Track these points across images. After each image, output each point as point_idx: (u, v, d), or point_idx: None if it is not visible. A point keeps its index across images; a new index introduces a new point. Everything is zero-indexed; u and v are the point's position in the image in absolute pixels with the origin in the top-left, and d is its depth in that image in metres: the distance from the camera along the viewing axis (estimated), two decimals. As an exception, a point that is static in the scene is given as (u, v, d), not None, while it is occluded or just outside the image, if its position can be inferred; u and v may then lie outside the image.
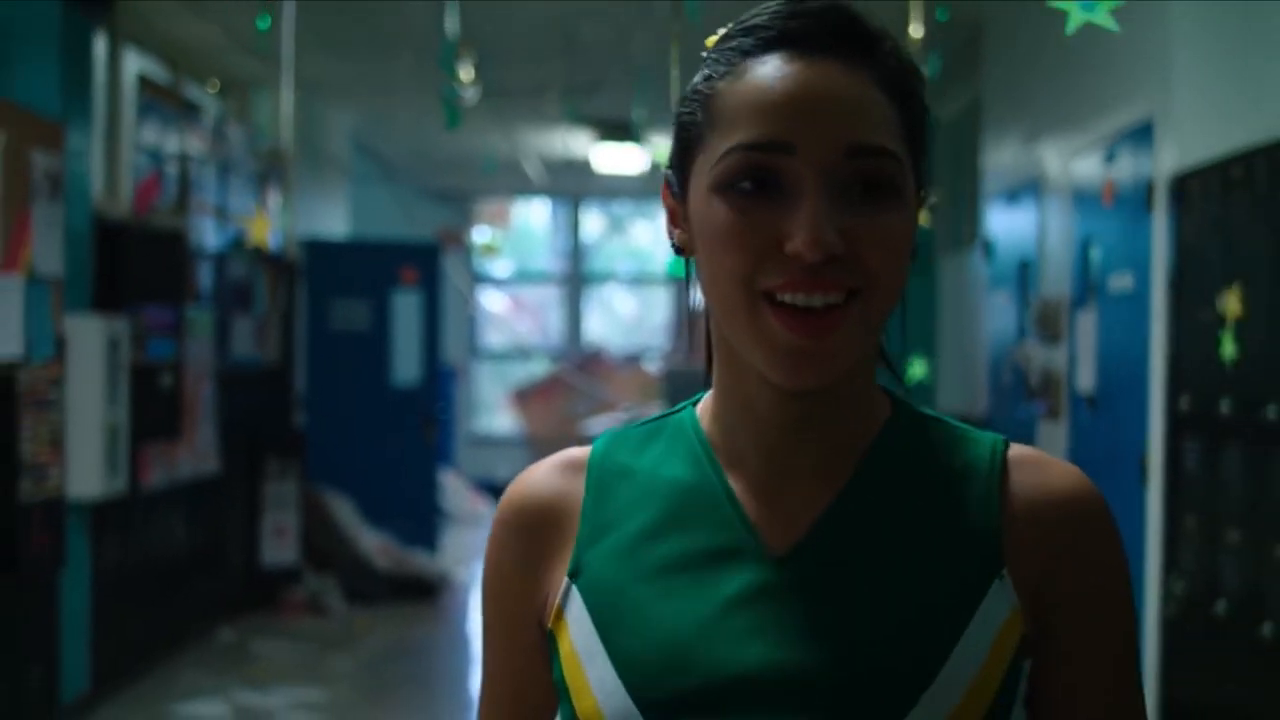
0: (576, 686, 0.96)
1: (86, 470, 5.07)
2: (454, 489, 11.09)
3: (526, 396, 13.06)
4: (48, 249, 4.82)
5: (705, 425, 1.02)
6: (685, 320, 1.07)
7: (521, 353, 13.73)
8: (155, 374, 5.70)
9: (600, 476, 1.03)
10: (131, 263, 5.52)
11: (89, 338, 5.08)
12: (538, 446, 12.80)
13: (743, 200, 0.92)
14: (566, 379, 12.96)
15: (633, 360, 13.04)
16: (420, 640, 7.10)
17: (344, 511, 7.98)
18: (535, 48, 6.77)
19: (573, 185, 12.48)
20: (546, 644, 1.01)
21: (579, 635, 0.97)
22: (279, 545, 7.46)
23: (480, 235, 13.27)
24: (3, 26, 4.76)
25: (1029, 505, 0.97)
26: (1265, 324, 3.28)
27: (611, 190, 12.68)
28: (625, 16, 6.16)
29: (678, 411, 1.06)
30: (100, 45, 5.49)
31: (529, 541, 1.03)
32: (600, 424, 10.78)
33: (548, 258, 14.02)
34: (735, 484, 0.99)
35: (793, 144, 0.91)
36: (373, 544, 7.97)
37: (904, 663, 0.92)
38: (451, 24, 4.06)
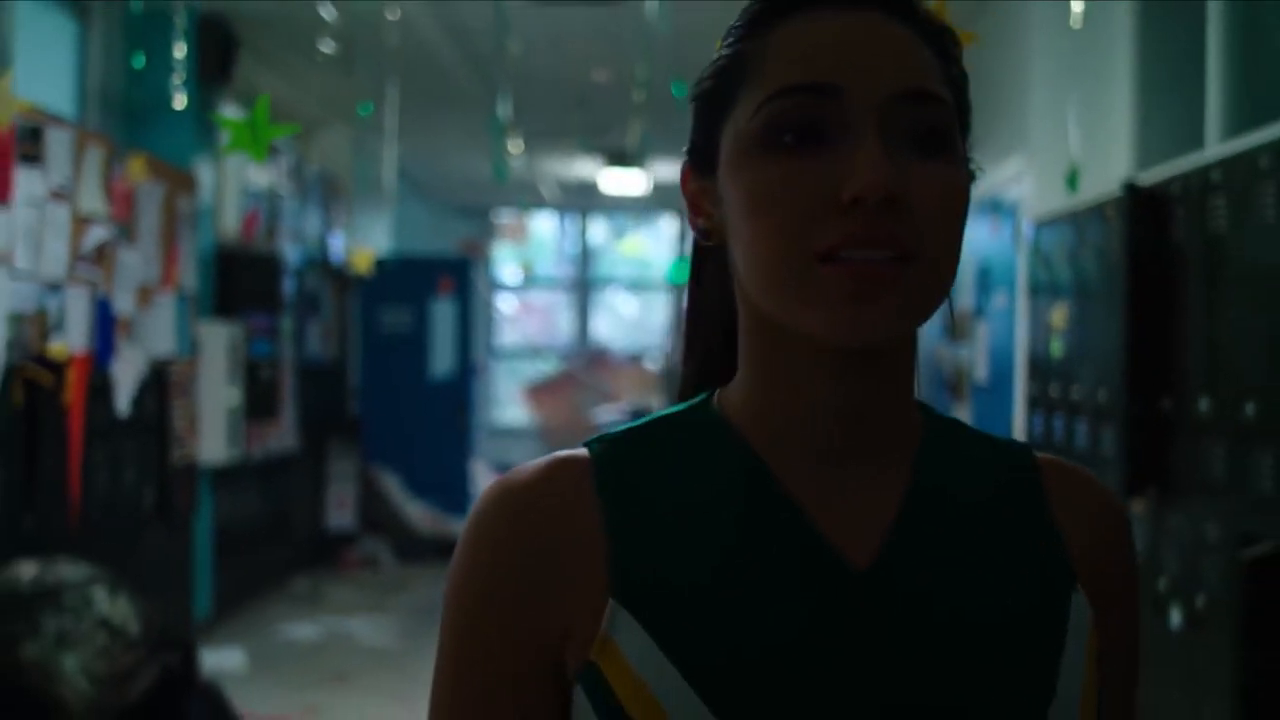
0: (646, 712, 0.82)
1: (214, 442, 6.53)
2: (477, 473, 12.53)
3: (539, 391, 14.31)
4: (187, 271, 6.27)
5: (736, 422, 0.90)
6: (683, 321, 1.01)
7: (534, 352, 15.08)
8: (258, 368, 7.16)
9: (614, 482, 0.88)
10: (240, 279, 6.98)
11: (216, 340, 6.54)
12: (549, 436, 14.18)
13: (786, 155, 0.83)
14: (575, 375, 14.16)
15: (635, 358, 14.07)
16: (459, 590, 8.56)
17: (392, 484, 9.45)
18: (558, 100, 8.20)
19: (581, 200, 13.84)
20: (555, 691, 0.86)
21: (640, 658, 0.82)
22: (340, 512, 8.92)
23: (509, 252, 14.70)
24: (163, 103, 6.19)
25: (1075, 516, 0.92)
26: (1074, 332, 4.73)
27: (615, 204, 14.04)
28: (626, 77, 7.60)
29: (686, 410, 0.93)
30: (214, 104, 6.94)
31: (539, 563, 0.86)
32: (607, 415, 12.11)
33: (557, 264, 15.34)
34: (786, 485, 0.87)
35: (841, 85, 0.82)
36: (416, 512, 9.45)
37: (1019, 689, 0.84)
38: (504, 109, 5.51)
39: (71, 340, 5.04)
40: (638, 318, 15.16)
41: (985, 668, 0.84)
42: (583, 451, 0.90)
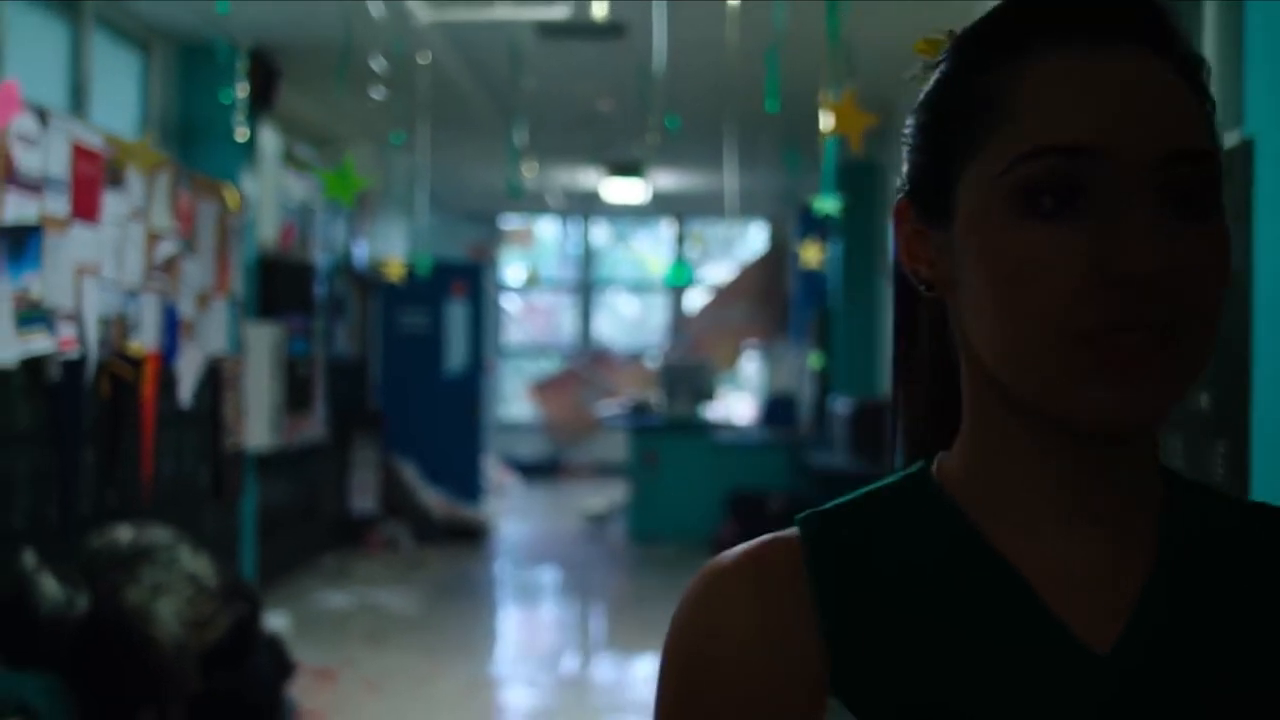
0: None
1: (258, 431, 7.30)
2: (486, 464, 13.30)
3: (544, 388, 15.05)
4: (236, 278, 7.04)
5: (957, 494, 0.83)
6: (895, 376, 0.93)
7: (539, 351, 15.82)
8: (295, 365, 7.94)
9: (828, 567, 0.82)
10: (280, 285, 7.75)
11: (261, 340, 7.32)
12: (554, 431, 14.94)
13: (1043, 219, 0.75)
14: (578, 373, 14.89)
15: (635, 357, 14.84)
16: (470, 567, 9.37)
17: (410, 473, 10.23)
18: (565, 123, 8.98)
19: (583, 205, 14.54)
20: None
21: None
22: (363, 497, 9.70)
23: (516, 256, 15.49)
24: (221, 130, 6.95)
25: None
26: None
27: (617, 208, 14.75)
28: (625, 104, 8.39)
29: (902, 480, 0.87)
30: (256, 127, 7.71)
31: (751, 652, 0.82)
32: (608, 410, 12.85)
33: (560, 266, 16.06)
34: (1015, 563, 0.81)
35: (1111, 147, 0.75)
36: (432, 498, 10.23)
37: None
38: (519, 136, 6.29)
39: (146, 340, 5.81)
40: (638, 318, 15.88)
41: None
42: (793, 531, 0.84)
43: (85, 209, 5.21)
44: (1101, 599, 0.80)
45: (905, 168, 0.85)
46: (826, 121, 3.50)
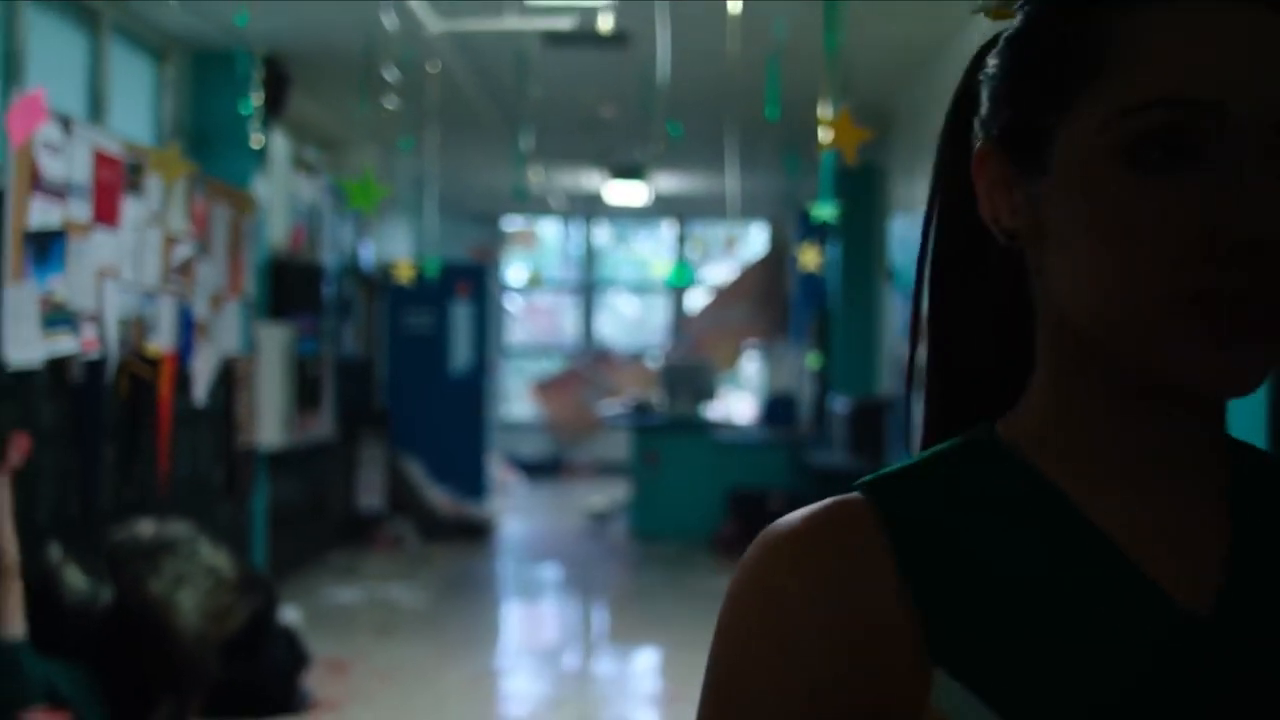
0: None
1: (270, 429, 7.47)
2: (490, 463, 13.47)
3: (546, 388, 15.22)
4: (249, 280, 7.21)
5: (1031, 455, 0.80)
6: (931, 324, 0.87)
7: (541, 351, 15.98)
8: (305, 365, 8.10)
9: (906, 528, 0.78)
10: (290, 286, 7.92)
11: (272, 340, 7.49)
12: (557, 430, 15.10)
13: (1154, 175, 0.72)
14: (580, 373, 15.08)
15: (636, 357, 14.98)
16: (475, 564, 9.55)
17: (415, 471, 10.40)
18: (569, 128, 9.15)
19: (585, 206, 14.69)
20: None
21: None
22: (369, 494, 9.87)
23: (519, 258, 15.67)
24: (234, 135, 7.11)
25: None
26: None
27: (619, 210, 14.89)
28: (627, 110, 8.56)
29: (968, 443, 0.82)
30: (268, 132, 7.87)
31: (823, 617, 0.76)
32: (610, 409, 13.02)
33: (562, 267, 16.22)
34: (1102, 524, 0.78)
35: (1228, 102, 0.72)
36: (437, 496, 10.40)
37: None
38: (525, 142, 6.46)
39: (162, 340, 5.98)
40: (639, 318, 16.04)
41: None
42: (854, 495, 0.80)
43: (106, 214, 5.38)
44: (1189, 559, 0.78)
45: (986, 111, 0.81)
46: (824, 135, 3.66)
